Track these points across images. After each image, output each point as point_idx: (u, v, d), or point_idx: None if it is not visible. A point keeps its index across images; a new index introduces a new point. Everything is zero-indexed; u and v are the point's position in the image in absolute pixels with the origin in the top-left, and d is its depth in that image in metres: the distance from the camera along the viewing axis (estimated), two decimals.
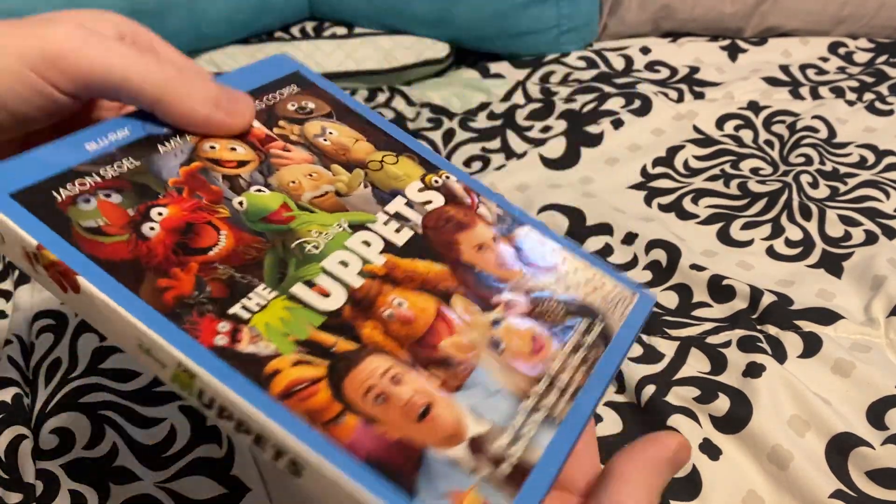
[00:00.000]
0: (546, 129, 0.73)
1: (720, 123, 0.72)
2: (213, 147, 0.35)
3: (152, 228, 0.32)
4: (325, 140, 0.37)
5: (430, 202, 0.36)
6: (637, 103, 0.73)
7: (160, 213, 0.32)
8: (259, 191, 0.34)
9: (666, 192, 0.65)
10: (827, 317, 0.50)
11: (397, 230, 0.34)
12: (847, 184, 0.64)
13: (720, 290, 0.53)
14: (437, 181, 0.37)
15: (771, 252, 0.58)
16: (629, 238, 0.58)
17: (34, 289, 0.54)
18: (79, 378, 0.47)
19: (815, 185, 0.64)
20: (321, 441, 0.26)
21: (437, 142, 0.74)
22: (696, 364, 0.47)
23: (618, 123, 0.71)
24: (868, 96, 0.76)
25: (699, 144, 0.69)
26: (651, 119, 0.72)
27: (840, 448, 0.42)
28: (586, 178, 0.67)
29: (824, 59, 0.84)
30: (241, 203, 0.33)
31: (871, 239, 0.57)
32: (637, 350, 0.48)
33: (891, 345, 0.49)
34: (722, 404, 0.44)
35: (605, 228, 0.59)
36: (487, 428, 0.29)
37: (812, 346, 0.47)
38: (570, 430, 0.30)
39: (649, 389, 0.45)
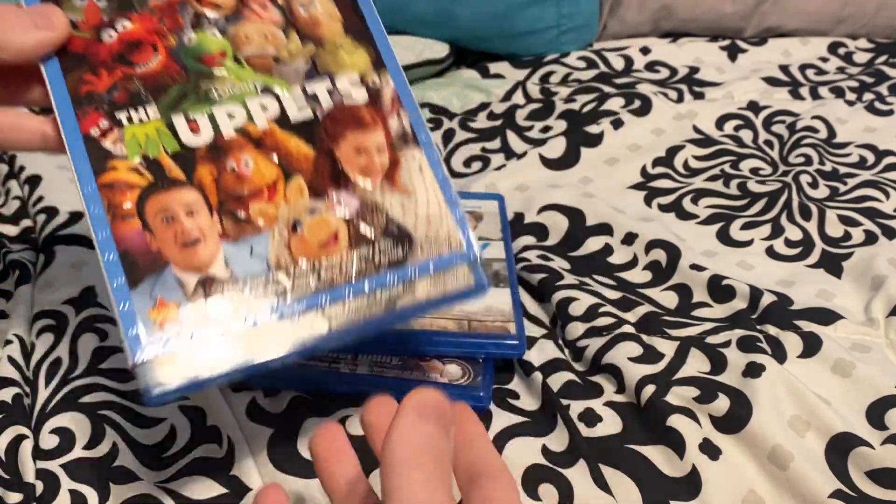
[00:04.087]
0: (546, 129, 0.73)
1: (720, 123, 0.72)
2: None
3: (110, 36, 0.38)
4: (304, 10, 0.41)
5: (350, 96, 0.39)
6: (637, 103, 0.73)
7: (124, 26, 0.39)
8: (213, 34, 0.39)
9: (666, 192, 0.65)
10: (827, 317, 0.50)
11: (300, 108, 0.38)
12: (847, 184, 0.64)
13: (720, 290, 0.53)
14: (374, 81, 0.40)
15: (771, 252, 0.58)
16: (629, 238, 0.58)
17: (35, 289, 0.54)
18: (79, 378, 0.47)
19: (814, 185, 0.64)
20: (102, 220, 0.34)
21: (437, 142, 0.74)
22: (696, 364, 0.47)
23: (618, 123, 0.71)
24: (868, 96, 0.76)
25: (699, 144, 0.69)
26: (651, 119, 0.72)
27: (840, 448, 0.42)
28: (586, 178, 0.67)
29: (824, 60, 0.84)
30: (189, 39, 0.39)
31: (870, 239, 0.57)
32: (637, 350, 0.48)
33: (891, 345, 0.49)
34: (722, 404, 0.44)
35: (605, 228, 0.59)
36: (225, 276, 0.35)
37: (812, 346, 0.47)
38: (284, 312, 0.34)
39: (649, 389, 0.45)
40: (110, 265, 0.34)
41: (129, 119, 0.37)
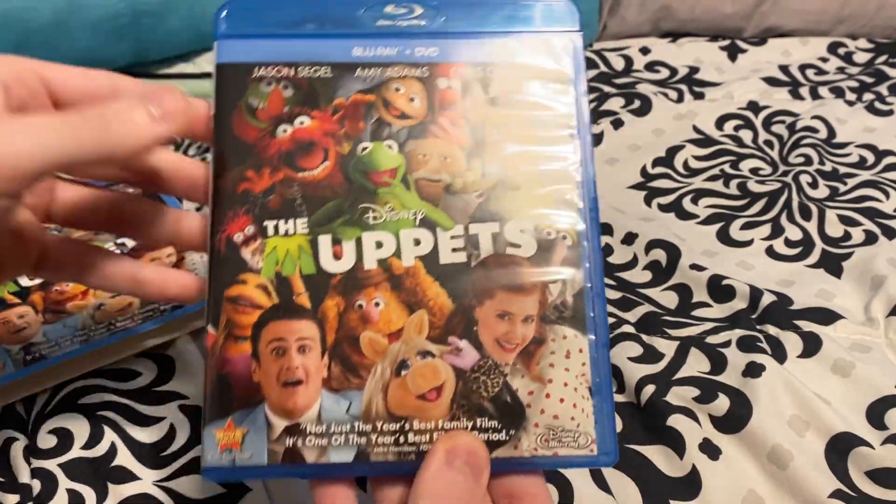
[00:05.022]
0: None
1: (720, 123, 0.72)
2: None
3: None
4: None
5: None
6: (637, 103, 0.73)
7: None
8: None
9: (666, 192, 0.64)
10: (827, 317, 0.50)
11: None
12: (847, 184, 0.64)
13: (720, 290, 0.53)
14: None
15: (771, 252, 0.58)
16: (629, 238, 0.58)
17: None
18: (79, 378, 0.47)
19: (814, 185, 0.64)
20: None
21: None
22: (696, 364, 0.47)
23: (618, 123, 0.71)
24: (868, 96, 0.76)
25: (699, 144, 0.69)
26: (651, 119, 0.72)
27: (840, 448, 0.42)
28: None
29: (824, 60, 0.84)
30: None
31: (870, 239, 0.57)
32: (637, 349, 0.48)
33: (890, 345, 0.49)
34: (722, 404, 0.44)
35: (605, 228, 0.59)
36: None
37: (812, 345, 0.47)
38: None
39: (649, 389, 0.45)
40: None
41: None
